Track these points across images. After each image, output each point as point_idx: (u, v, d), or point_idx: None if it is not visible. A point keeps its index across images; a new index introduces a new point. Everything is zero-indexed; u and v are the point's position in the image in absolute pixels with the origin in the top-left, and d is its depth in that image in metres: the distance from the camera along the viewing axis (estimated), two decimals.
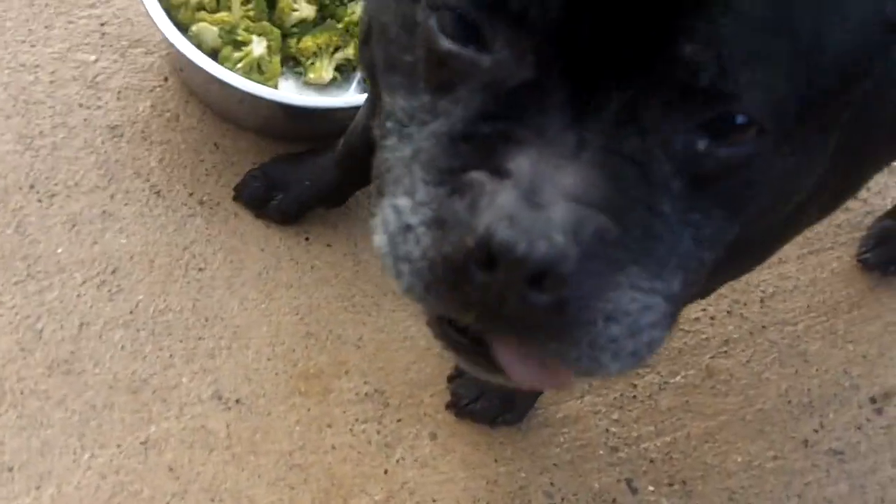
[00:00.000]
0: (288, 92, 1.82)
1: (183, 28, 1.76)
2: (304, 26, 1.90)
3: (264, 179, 1.76)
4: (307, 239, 1.78)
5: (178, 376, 1.63)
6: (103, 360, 1.61)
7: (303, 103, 1.72)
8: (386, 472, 1.64)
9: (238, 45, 1.80)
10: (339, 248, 1.79)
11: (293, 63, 1.89)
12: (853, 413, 1.86)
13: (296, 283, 1.74)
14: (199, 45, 1.73)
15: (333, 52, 1.88)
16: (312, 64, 1.87)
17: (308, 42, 1.86)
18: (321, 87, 1.87)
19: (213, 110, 1.82)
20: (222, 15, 1.83)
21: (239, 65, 1.78)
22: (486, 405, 1.70)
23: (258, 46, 1.80)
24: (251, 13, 1.84)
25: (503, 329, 0.76)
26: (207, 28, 1.79)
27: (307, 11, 1.90)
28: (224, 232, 1.75)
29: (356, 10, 1.92)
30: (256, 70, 1.80)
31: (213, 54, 1.76)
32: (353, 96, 1.76)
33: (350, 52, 1.88)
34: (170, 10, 1.74)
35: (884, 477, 1.82)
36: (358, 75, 1.91)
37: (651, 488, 1.73)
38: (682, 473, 1.75)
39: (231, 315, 1.69)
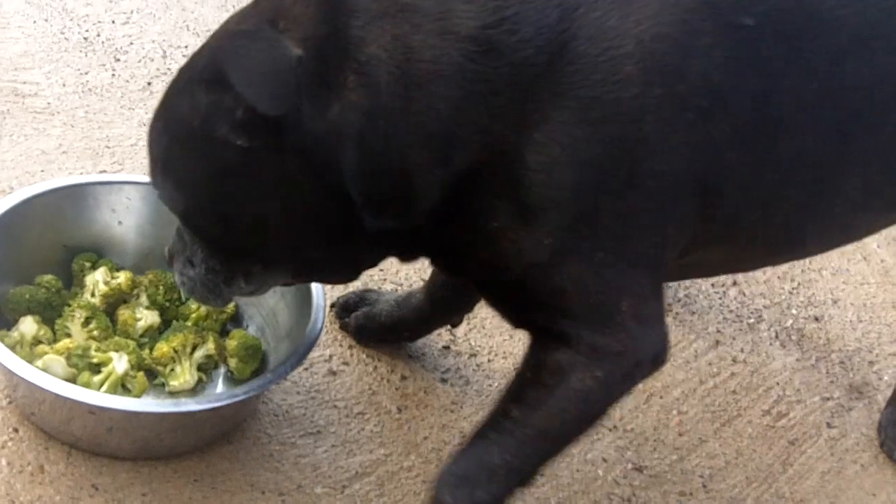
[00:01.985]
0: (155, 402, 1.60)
1: None
2: (152, 334, 1.72)
3: (358, 294, 1.93)
4: None
5: None
6: None
7: (200, 407, 1.52)
8: None
9: (95, 367, 1.59)
10: None
11: (148, 375, 1.67)
12: None
13: None
14: None
15: (192, 353, 1.69)
16: (172, 370, 1.67)
17: (163, 348, 1.66)
18: (186, 392, 1.67)
19: (81, 446, 1.56)
20: (65, 342, 1.62)
21: (103, 387, 1.57)
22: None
23: (120, 363, 1.60)
24: (94, 333, 1.64)
25: None
26: (54, 359, 1.58)
27: (151, 318, 1.73)
28: None
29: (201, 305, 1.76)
30: (122, 389, 1.59)
31: None
32: (242, 389, 1.56)
33: (210, 346, 1.70)
34: None
35: None
36: (223, 370, 1.73)
37: None
38: None
39: None
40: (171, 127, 1.30)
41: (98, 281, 1.72)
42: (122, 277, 1.74)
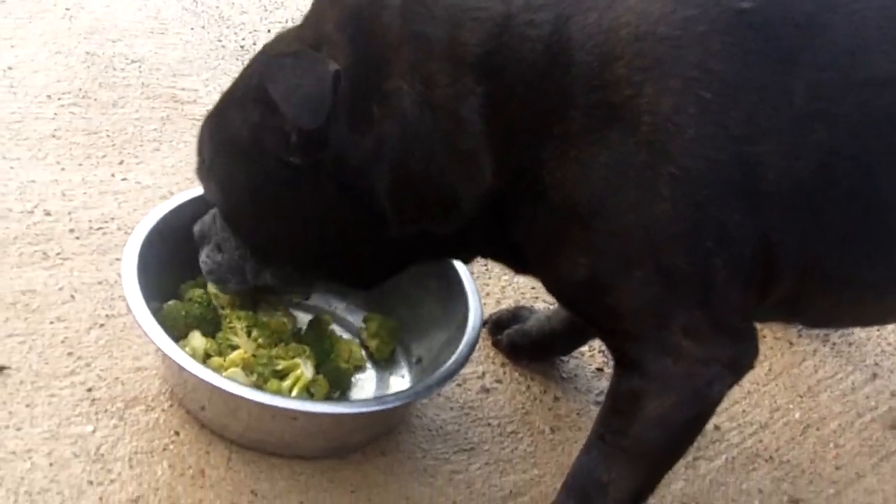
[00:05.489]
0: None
1: None
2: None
3: (510, 311, 1.93)
4: None
5: None
6: None
7: (398, 403, 1.59)
8: None
9: (280, 374, 1.62)
10: None
11: None
12: None
13: None
14: None
15: None
16: None
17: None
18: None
19: (243, 443, 1.61)
20: (239, 353, 1.62)
21: (294, 392, 1.60)
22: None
23: (307, 368, 1.63)
24: (260, 340, 1.65)
25: None
26: (237, 373, 1.59)
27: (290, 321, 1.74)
28: None
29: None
30: (307, 394, 1.63)
31: None
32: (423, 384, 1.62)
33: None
34: None
35: None
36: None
37: None
38: None
39: None
40: (222, 134, 1.45)
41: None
42: None
